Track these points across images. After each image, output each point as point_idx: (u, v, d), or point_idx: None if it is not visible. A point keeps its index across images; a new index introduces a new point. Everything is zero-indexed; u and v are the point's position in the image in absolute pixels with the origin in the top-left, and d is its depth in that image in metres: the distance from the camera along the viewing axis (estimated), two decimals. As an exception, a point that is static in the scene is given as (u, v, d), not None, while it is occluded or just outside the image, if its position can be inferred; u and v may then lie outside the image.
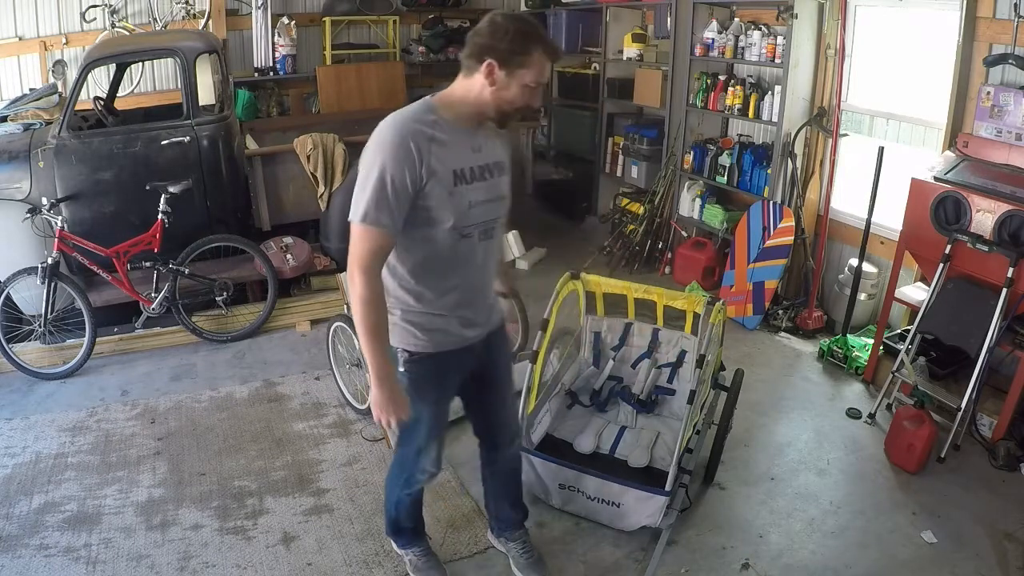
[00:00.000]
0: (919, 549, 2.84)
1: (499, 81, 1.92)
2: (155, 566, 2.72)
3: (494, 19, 1.93)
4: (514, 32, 1.89)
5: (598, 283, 3.37)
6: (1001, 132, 3.51)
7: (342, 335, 3.74)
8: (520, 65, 1.91)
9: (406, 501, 2.49)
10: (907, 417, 3.31)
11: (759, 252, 4.75)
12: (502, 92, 1.93)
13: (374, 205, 1.86)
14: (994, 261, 3.28)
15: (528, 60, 1.91)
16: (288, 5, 6.65)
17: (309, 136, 4.86)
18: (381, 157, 1.86)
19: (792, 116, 4.65)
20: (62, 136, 4.24)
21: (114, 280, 4.26)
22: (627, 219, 6.01)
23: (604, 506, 2.85)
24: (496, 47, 1.89)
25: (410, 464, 2.34)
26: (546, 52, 1.94)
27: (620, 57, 6.14)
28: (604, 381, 3.43)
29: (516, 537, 2.68)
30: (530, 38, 1.91)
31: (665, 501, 2.73)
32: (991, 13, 3.62)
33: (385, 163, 1.85)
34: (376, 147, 1.88)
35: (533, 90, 1.97)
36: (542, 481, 2.95)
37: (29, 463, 3.33)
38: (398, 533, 2.62)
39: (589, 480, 2.85)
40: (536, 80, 1.94)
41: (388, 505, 2.56)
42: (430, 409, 2.21)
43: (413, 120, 1.91)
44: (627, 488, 2.79)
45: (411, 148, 1.86)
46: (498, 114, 2.00)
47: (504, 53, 1.89)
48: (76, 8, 5.95)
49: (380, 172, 1.85)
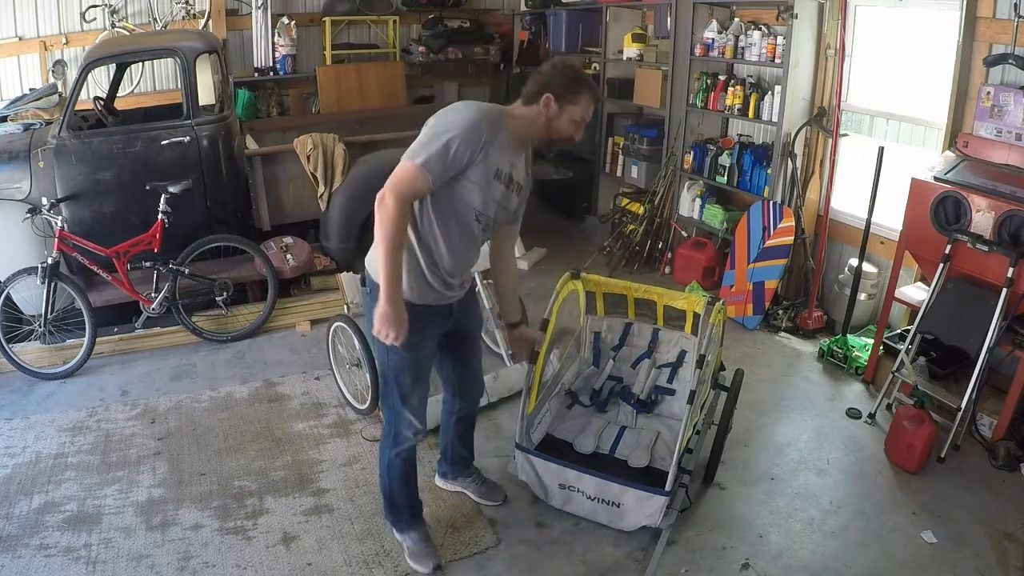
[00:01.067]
0: (919, 549, 2.84)
1: (552, 112, 2.34)
2: (155, 566, 2.73)
3: (555, 64, 2.41)
4: (570, 75, 2.36)
5: (598, 283, 3.37)
6: (1001, 132, 3.51)
7: (342, 335, 3.74)
8: (571, 102, 2.35)
9: (397, 464, 2.64)
10: (907, 417, 3.31)
11: (759, 252, 4.75)
12: (553, 122, 2.36)
13: (435, 157, 2.19)
14: (994, 261, 3.28)
15: (578, 99, 2.35)
16: (288, 5, 6.65)
17: (309, 136, 4.86)
18: (457, 127, 2.21)
19: (792, 116, 4.65)
20: (62, 136, 4.24)
21: (114, 280, 4.26)
22: (627, 219, 6.01)
23: (604, 506, 2.86)
24: (554, 84, 2.33)
25: (396, 419, 2.57)
26: (592, 96, 2.39)
27: (620, 57, 6.14)
28: (604, 381, 3.44)
29: (470, 473, 3.09)
30: (581, 82, 2.37)
31: (665, 501, 2.73)
32: (991, 13, 3.62)
33: (458, 132, 2.20)
34: (454, 118, 2.24)
35: (578, 125, 2.39)
36: (542, 481, 2.95)
37: (29, 463, 3.33)
38: (395, 512, 2.75)
39: (589, 480, 2.85)
40: (582, 116, 2.39)
41: (381, 473, 2.71)
42: (411, 354, 2.46)
43: (491, 116, 2.29)
44: (627, 488, 2.79)
45: (482, 132, 2.24)
46: (545, 140, 2.43)
47: (560, 90, 2.33)
48: (76, 8, 5.95)
49: (450, 137, 2.20)
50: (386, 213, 2.20)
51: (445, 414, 2.93)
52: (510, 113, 2.37)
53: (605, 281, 3.39)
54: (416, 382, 2.54)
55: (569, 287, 3.24)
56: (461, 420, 2.93)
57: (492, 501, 3.04)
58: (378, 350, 2.54)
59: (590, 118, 2.43)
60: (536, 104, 2.34)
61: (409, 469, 2.70)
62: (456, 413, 2.90)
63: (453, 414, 2.90)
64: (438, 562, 2.72)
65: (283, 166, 4.89)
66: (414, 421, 2.58)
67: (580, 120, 2.38)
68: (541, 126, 2.37)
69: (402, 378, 2.51)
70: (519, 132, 2.37)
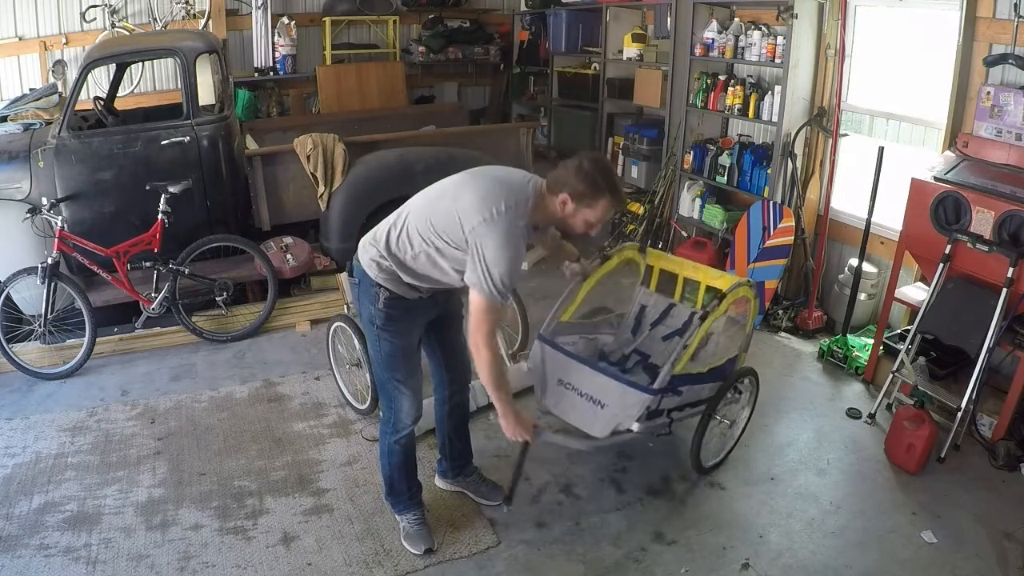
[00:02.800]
0: (919, 549, 2.84)
1: (569, 211, 2.40)
2: (155, 566, 2.72)
3: (582, 164, 2.37)
4: (591, 181, 2.35)
5: (659, 258, 3.54)
6: (1001, 132, 3.50)
7: (342, 335, 3.74)
8: (588, 206, 2.38)
9: (397, 451, 2.75)
10: (907, 417, 3.31)
11: (759, 252, 4.75)
12: (569, 219, 2.43)
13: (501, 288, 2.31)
14: (994, 261, 3.28)
15: (595, 204, 2.38)
16: (288, 5, 6.66)
17: (309, 136, 4.86)
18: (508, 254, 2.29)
19: (792, 116, 4.65)
20: (62, 136, 4.24)
21: (114, 280, 4.26)
22: (627, 219, 6.02)
23: (589, 404, 2.90)
24: (574, 186, 2.35)
25: (394, 405, 2.67)
26: (613, 202, 2.41)
27: (620, 57, 6.14)
28: (632, 351, 3.47)
29: (471, 471, 3.11)
30: (601, 189, 2.36)
31: (647, 400, 2.77)
32: (991, 13, 3.62)
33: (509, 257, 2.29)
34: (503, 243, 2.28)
35: (593, 225, 2.45)
36: (545, 375, 3.02)
37: (29, 463, 3.33)
38: (394, 494, 2.84)
39: (585, 374, 2.92)
40: (598, 220, 2.43)
41: (381, 459, 2.82)
42: (402, 340, 2.58)
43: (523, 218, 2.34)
44: (617, 384, 2.85)
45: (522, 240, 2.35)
46: (562, 228, 2.60)
47: (578, 194, 2.36)
48: (76, 8, 5.96)
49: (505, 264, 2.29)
50: (485, 361, 2.40)
51: (438, 407, 2.98)
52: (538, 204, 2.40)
53: (666, 257, 3.57)
54: (409, 368, 2.64)
55: (628, 256, 3.40)
56: (453, 411, 2.97)
57: (492, 501, 3.05)
58: (370, 340, 2.64)
59: (608, 218, 2.51)
60: (556, 197, 2.39)
61: (409, 455, 2.81)
62: (448, 402, 2.94)
63: (445, 404, 2.94)
64: (431, 545, 2.78)
65: (283, 166, 4.89)
66: (410, 408, 2.67)
67: (596, 222, 2.44)
68: (558, 220, 2.47)
69: (395, 365, 2.60)
70: (541, 221, 2.47)
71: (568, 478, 3.24)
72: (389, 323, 2.54)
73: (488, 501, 3.06)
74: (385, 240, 2.48)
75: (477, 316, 2.37)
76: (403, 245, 2.45)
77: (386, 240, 2.48)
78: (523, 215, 2.35)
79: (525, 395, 3.83)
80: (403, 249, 2.46)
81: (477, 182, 2.41)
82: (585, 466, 3.33)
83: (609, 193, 2.39)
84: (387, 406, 2.71)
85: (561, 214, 2.41)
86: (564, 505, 3.08)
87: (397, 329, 2.55)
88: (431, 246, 2.41)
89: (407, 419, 2.68)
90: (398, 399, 2.65)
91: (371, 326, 2.57)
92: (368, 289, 2.52)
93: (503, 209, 2.30)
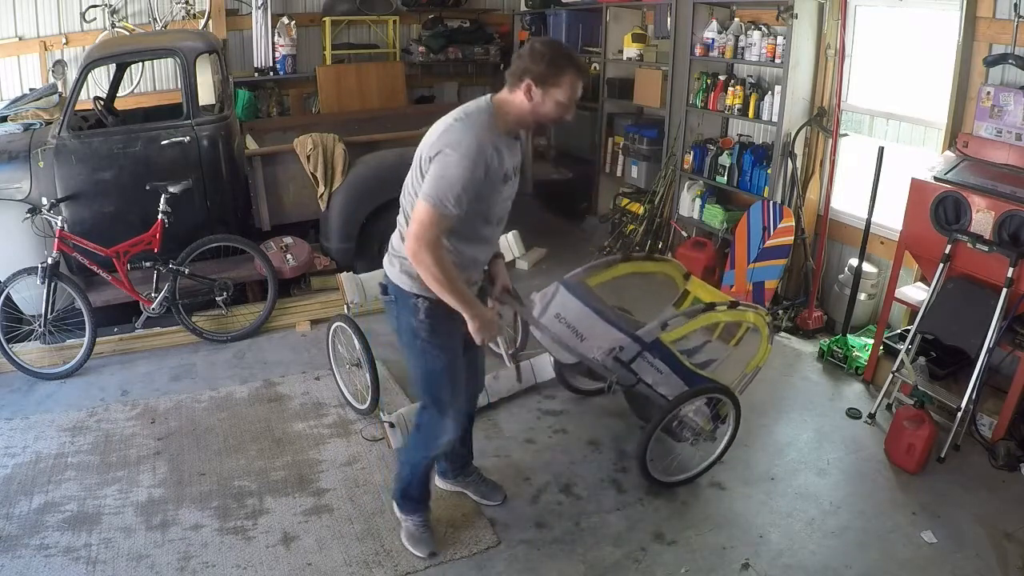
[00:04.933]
0: (919, 549, 2.84)
1: (536, 99, 2.27)
2: (155, 566, 2.72)
3: (533, 45, 2.29)
4: (550, 57, 2.24)
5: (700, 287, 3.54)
6: (1001, 132, 3.50)
7: (342, 335, 3.74)
8: (554, 85, 2.25)
9: (422, 465, 2.71)
10: (907, 417, 3.31)
11: (759, 252, 4.75)
12: (539, 108, 2.29)
13: (451, 197, 2.18)
14: (994, 261, 3.28)
15: (560, 81, 2.25)
16: (288, 5, 6.65)
17: (309, 136, 4.86)
18: (460, 160, 2.18)
19: (792, 116, 4.65)
20: (62, 136, 4.24)
21: (114, 280, 4.26)
22: (627, 219, 6.01)
23: (571, 333, 2.94)
24: (533, 70, 2.24)
25: (435, 424, 2.58)
26: (575, 74, 2.28)
27: (620, 57, 6.14)
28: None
29: (471, 471, 3.10)
30: (561, 62, 2.25)
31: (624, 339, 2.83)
32: (991, 13, 3.62)
33: (463, 165, 2.18)
34: (454, 150, 2.19)
35: (566, 106, 2.30)
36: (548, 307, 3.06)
37: (29, 463, 3.33)
38: (405, 498, 2.80)
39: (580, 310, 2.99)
40: (568, 97, 2.29)
41: (403, 470, 2.76)
42: (449, 352, 2.50)
43: (486, 130, 2.24)
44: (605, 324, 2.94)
45: (486, 157, 2.22)
46: (536, 125, 2.40)
47: (540, 75, 2.24)
48: (76, 8, 5.95)
49: (459, 171, 2.18)
50: (426, 265, 2.23)
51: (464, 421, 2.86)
52: (500, 107, 2.31)
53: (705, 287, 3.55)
54: (456, 386, 2.56)
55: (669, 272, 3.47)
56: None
57: (492, 501, 3.05)
58: (414, 358, 2.53)
59: (579, 95, 2.33)
60: (518, 89, 2.27)
61: (432, 466, 2.81)
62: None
63: None
64: (435, 550, 2.77)
65: (283, 166, 4.89)
66: (452, 429, 2.60)
67: (567, 101, 2.29)
68: (528, 114, 2.31)
69: (442, 382, 2.52)
70: (511, 123, 2.33)
71: (568, 478, 3.24)
72: (434, 334, 2.44)
73: (489, 501, 3.05)
74: (401, 244, 2.40)
75: (419, 223, 2.21)
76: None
77: (401, 244, 2.39)
78: (486, 126, 2.24)
79: (523, 395, 3.84)
80: None
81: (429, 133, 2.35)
82: (585, 466, 3.33)
83: (571, 66, 2.27)
84: (427, 424, 2.62)
85: (530, 106, 2.27)
86: (564, 505, 3.08)
87: (444, 339, 2.45)
88: None
89: (446, 436, 2.61)
90: (441, 422, 2.57)
91: (415, 341, 2.47)
92: (406, 303, 2.43)
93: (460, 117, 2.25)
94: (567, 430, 3.60)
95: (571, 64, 2.28)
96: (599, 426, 3.63)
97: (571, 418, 3.70)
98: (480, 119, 2.27)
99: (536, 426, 3.63)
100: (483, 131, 2.24)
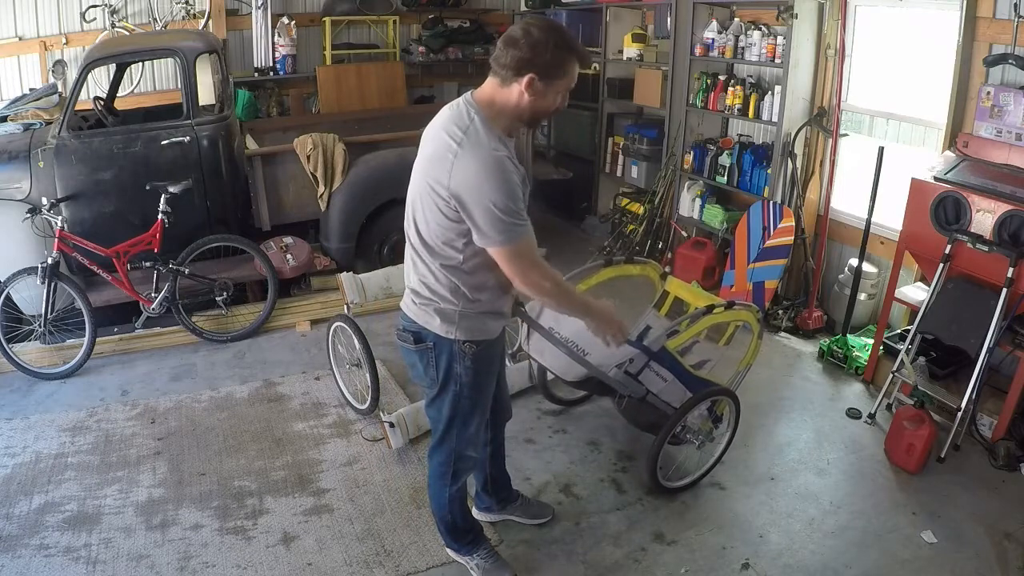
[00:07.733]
0: (919, 549, 2.84)
1: (538, 92, 2.04)
2: (155, 566, 2.73)
3: (530, 32, 2.01)
4: (553, 46, 2.00)
5: (678, 287, 3.50)
6: (1001, 132, 3.51)
7: (342, 335, 3.74)
8: (559, 76, 2.05)
9: (456, 498, 2.56)
10: (907, 417, 3.31)
11: (759, 252, 4.75)
12: (539, 101, 2.06)
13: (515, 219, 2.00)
14: (994, 261, 3.28)
15: (568, 69, 2.06)
16: (288, 5, 6.65)
17: (309, 136, 4.86)
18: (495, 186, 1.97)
19: (792, 116, 4.65)
20: (62, 136, 4.24)
21: (114, 280, 4.26)
22: (627, 219, 6.01)
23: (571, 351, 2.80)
24: (536, 62, 2.00)
25: (455, 459, 2.45)
26: (580, 61, 2.08)
27: (620, 57, 6.14)
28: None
29: (515, 496, 2.97)
30: (566, 50, 2.03)
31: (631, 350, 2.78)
32: (991, 13, 3.62)
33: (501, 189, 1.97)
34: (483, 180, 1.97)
35: (566, 95, 2.13)
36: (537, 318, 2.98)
37: (29, 463, 3.33)
38: (457, 538, 2.65)
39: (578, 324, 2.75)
40: (569, 86, 2.11)
41: (439, 511, 2.60)
42: (484, 395, 2.38)
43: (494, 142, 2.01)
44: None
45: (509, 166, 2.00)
46: (532, 119, 2.15)
47: (545, 67, 2.01)
48: (76, 8, 5.95)
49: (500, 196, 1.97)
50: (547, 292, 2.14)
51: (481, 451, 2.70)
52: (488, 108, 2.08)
53: (683, 286, 3.51)
54: (482, 421, 2.44)
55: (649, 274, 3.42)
56: (496, 451, 2.81)
57: (543, 518, 2.95)
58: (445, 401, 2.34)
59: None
60: (516, 84, 2.03)
61: (465, 495, 2.62)
62: (491, 443, 2.75)
63: (487, 445, 2.72)
64: (514, 571, 2.67)
65: (283, 166, 4.89)
66: (473, 455, 2.50)
67: (568, 89, 2.11)
68: (527, 110, 2.07)
69: (470, 421, 2.38)
70: (507, 123, 2.10)
71: (568, 478, 3.24)
72: (477, 379, 2.29)
73: (540, 520, 2.95)
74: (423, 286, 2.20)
75: (510, 264, 2.04)
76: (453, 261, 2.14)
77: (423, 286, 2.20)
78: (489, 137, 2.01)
79: (524, 395, 3.84)
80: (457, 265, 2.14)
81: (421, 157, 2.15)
82: (585, 466, 3.33)
83: (574, 52, 2.06)
84: (447, 460, 2.45)
85: (530, 102, 2.04)
86: (564, 505, 3.08)
87: (484, 383, 2.32)
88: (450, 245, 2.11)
89: (467, 466, 2.52)
90: (463, 454, 2.44)
91: (452, 385, 2.29)
92: (448, 350, 2.23)
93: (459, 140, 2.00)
94: (567, 430, 3.60)
95: (573, 50, 2.06)
96: (599, 426, 3.63)
97: (571, 418, 3.70)
98: (479, 135, 2.02)
99: (536, 426, 3.63)
100: (491, 144, 2.01)
